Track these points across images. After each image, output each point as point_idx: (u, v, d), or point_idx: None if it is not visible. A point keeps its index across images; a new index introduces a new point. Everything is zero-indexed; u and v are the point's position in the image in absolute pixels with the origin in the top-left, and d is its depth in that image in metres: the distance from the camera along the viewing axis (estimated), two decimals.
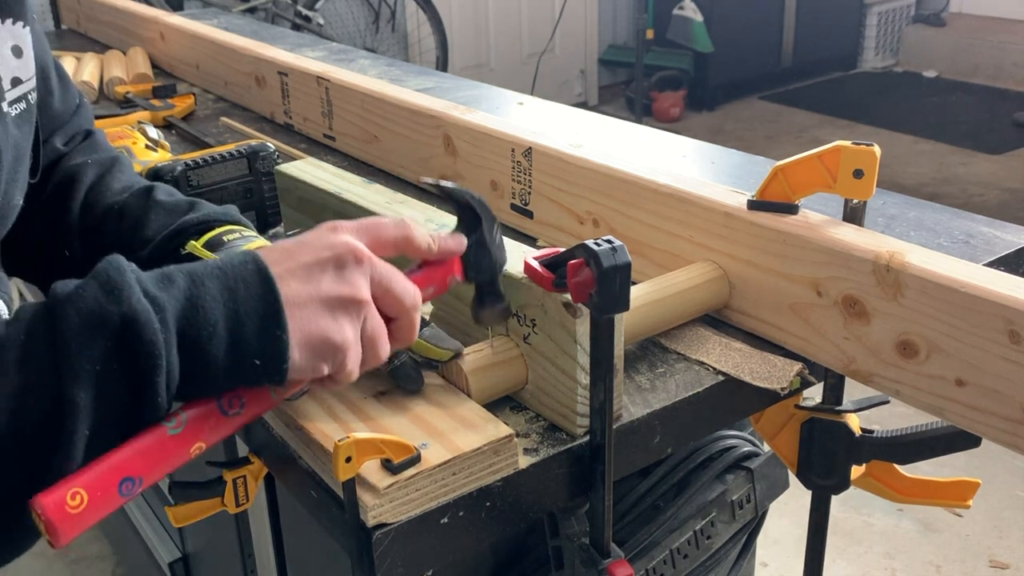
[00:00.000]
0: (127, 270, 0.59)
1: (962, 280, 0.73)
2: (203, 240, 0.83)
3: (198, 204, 0.88)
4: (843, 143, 0.81)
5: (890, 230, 0.99)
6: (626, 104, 5.46)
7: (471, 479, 0.69)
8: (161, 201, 0.88)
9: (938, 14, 5.92)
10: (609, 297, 0.68)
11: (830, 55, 5.83)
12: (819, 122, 5.07)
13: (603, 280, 0.67)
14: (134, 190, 0.91)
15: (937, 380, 0.76)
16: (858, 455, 0.89)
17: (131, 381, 0.57)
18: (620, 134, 1.38)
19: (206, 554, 1.44)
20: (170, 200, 0.89)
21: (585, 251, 0.67)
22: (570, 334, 0.72)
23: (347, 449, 0.63)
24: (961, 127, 4.87)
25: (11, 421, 0.55)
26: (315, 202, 1.05)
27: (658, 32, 5.20)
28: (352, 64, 1.82)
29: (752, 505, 1.02)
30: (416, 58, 4.83)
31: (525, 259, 0.74)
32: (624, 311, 0.68)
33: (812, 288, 0.83)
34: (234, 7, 4.04)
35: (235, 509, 0.88)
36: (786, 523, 2.10)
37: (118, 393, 0.57)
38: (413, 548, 0.67)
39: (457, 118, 1.19)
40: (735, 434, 1.03)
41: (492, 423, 0.72)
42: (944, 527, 2.27)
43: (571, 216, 1.06)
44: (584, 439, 0.75)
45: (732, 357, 0.86)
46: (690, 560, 0.97)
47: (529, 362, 0.77)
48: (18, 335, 0.56)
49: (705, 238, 0.92)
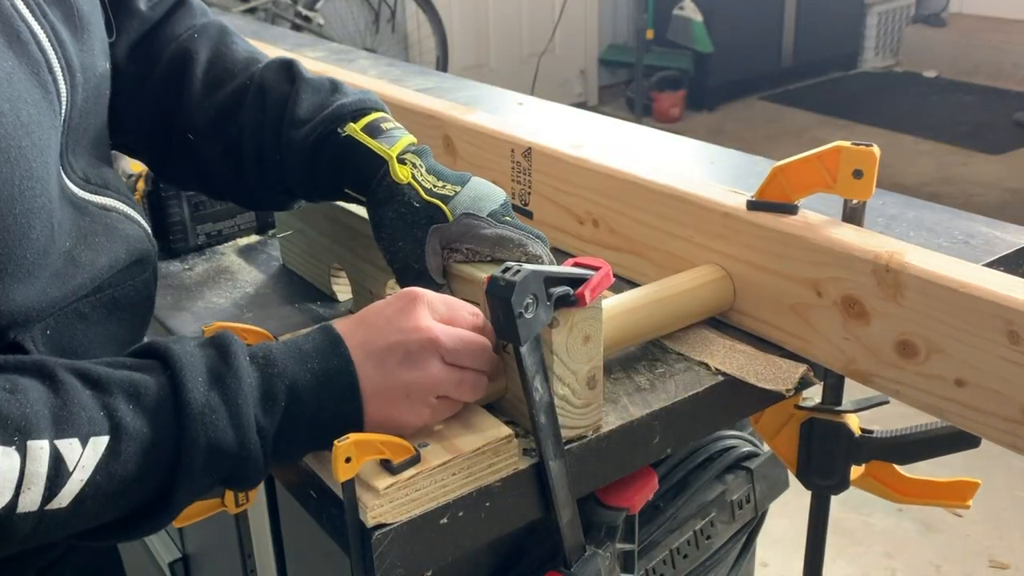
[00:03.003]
0: (246, 389, 0.63)
1: (962, 280, 0.73)
2: (361, 124, 0.83)
3: (340, 84, 0.88)
4: (843, 143, 0.81)
5: (890, 230, 0.99)
6: (626, 104, 5.46)
7: (471, 479, 0.69)
8: (308, 79, 0.87)
9: (938, 14, 5.92)
10: (497, 326, 0.68)
11: (830, 55, 5.82)
12: (819, 122, 5.07)
13: (491, 306, 0.67)
14: (267, 63, 0.89)
15: (937, 380, 0.76)
16: (858, 455, 0.89)
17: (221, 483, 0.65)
18: (620, 134, 1.38)
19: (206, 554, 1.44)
20: (315, 78, 0.88)
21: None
22: (546, 344, 0.71)
23: (347, 449, 0.63)
24: (961, 127, 4.86)
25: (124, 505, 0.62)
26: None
27: (658, 32, 5.20)
28: (352, 64, 1.82)
29: (752, 505, 1.02)
30: (416, 58, 4.83)
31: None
32: (518, 345, 0.67)
33: (812, 288, 0.83)
34: (234, 7, 4.04)
35: (235, 509, 0.88)
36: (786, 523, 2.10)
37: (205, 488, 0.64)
38: (413, 548, 0.67)
39: (457, 118, 1.19)
40: (735, 434, 1.03)
41: (492, 423, 0.72)
42: (944, 527, 2.27)
43: (571, 216, 1.06)
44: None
45: (736, 359, 0.86)
46: (690, 560, 0.97)
47: (508, 371, 0.76)
48: (141, 431, 0.60)
49: (705, 238, 0.92)
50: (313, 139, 0.83)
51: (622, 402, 0.80)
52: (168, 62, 0.89)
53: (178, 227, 1.14)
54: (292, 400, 0.65)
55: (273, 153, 0.86)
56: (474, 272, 0.78)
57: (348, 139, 0.82)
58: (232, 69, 0.89)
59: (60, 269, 0.70)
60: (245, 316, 0.99)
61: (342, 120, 0.83)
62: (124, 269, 0.77)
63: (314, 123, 0.84)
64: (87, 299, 0.73)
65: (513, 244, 0.78)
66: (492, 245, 0.78)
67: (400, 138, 0.83)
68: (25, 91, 0.64)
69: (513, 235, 0.78)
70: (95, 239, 0.74)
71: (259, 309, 1.01)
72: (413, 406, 0.68)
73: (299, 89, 0.86)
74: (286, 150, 0.85)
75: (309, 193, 0.89)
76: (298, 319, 0.98)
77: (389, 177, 0.80)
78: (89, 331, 0.74)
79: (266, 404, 0.64)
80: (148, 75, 0.89)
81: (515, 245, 0.78)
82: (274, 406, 0.64)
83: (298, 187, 0.88)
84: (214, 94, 0.88)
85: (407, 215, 0.79)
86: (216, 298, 1.03)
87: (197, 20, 0.92)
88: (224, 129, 0.87)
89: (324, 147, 0.84)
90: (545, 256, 0.79)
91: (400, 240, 0.80)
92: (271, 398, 0.64)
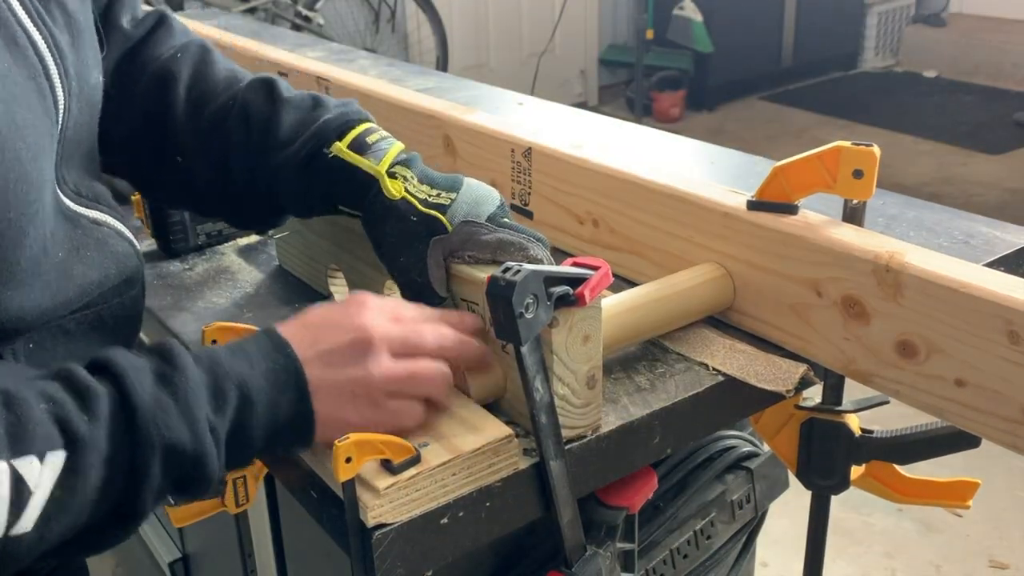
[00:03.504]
0: (195, 387, 0.62)
1: (962, 280, 0.73)
2: (347, 141, 0.81)
3: (321, 99, 0.86)
4: (843, 143, 0.81)
5: (890, 230, 0.99)
6: (626, 104, 5.46)
7: (471, 479, 0.69)
8: (288, 98, 0.86)
9: (938, 14, 5.92)
10: (498, 326, 0.68)
11: (830, 55, 5.82)
12: (819, 122, 5.06)
13: (492, 306, 0.67)
14: (248, 83, 0.88)
15: (937, 380, 0.76)
16: (858, 455, 0.89)
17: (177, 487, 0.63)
18: (620, 134, 1.38)
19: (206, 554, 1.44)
20: (295, 96, 0.86)
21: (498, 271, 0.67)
22: (545, 343, 0.71)
23: (347, 449, 0.63)
24: (961, 127, 4.86)
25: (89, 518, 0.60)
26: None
27: (658, 32, 5.19)
28: (352, 64, 1.82)
29: (752, 505, 1.02)
30: (416, 58, 4.83)
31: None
32: (519, 345, 0.67)
33: (812, 288, 0.83)
34: (234, 7, 4.03)
35: (235, 509, 0.88)
36: (786, 523, 2.09)
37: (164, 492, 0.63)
38: (413, 548, 0.67)
39: (457, 118, 1.19)
40: (735, 434, 1.04)
41: (492, 423, 0.72)
42: (944, 527, 2.27)
43: (571, 216, 1.06)
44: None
45: (737, 359, 0.86)
46: (690, 560, 0.97)
47: (508, 371, 0.76)
48: (97, 440, 0.59)
49: (705, 238, 0.92)
50: (300, 160, 0.82)
51: (622, 402, 0.80)
52: (150, 81, 0.88)
53: (178, 227, 1.14)
54: (243, 398, 0.64)
55: (262, 173, 0.85)
56: (474, 272, 0.78)
57: (335, 160, 0.81)
58: (215, 89, 0.88)
59: (52, 280, 0.69)
60: (245, 316, 0.99)
61: (327, 139, 0.82)
62: (113, 287, 0.76)
63: (299, 143, 0.82)
64: (74, 315, 0.72)
65: (514, 248, 0.78)
66: (493, 250, 0.78)
67: (388, 150, 0.81)
68: (21, 94, 0.63)
69: (514, 239, 0.78)
70: (87, 253, 0.73)
71: (259, 309, 1.00)
72: (361, 405, 0.68)
73: (280, 109, 0.85)
74: (275, 172, 0.84)
75: (304, 212, 0.88)
76: None
77: (382, 195, 0.79)
78: (71, 347, 0.72)
79: (216, 403, 0.63)
80: (131, 94, 0.88)
81: (516, 249, 0.78)
82: (225, 405, 0.63)
83: (291, 207, 0.87)
84: (198, 114, 0.87)
85: (405, 230, 0.78)
86: (216, 298, 1.03)
87: (178, 40, 0.92)
88: (209, 149, 0.87)
89: (312, 168, 0.82)
90: (545, 259, 0.78)
91: (401, 256, 0.79)
92: (221, 396, 0.63)
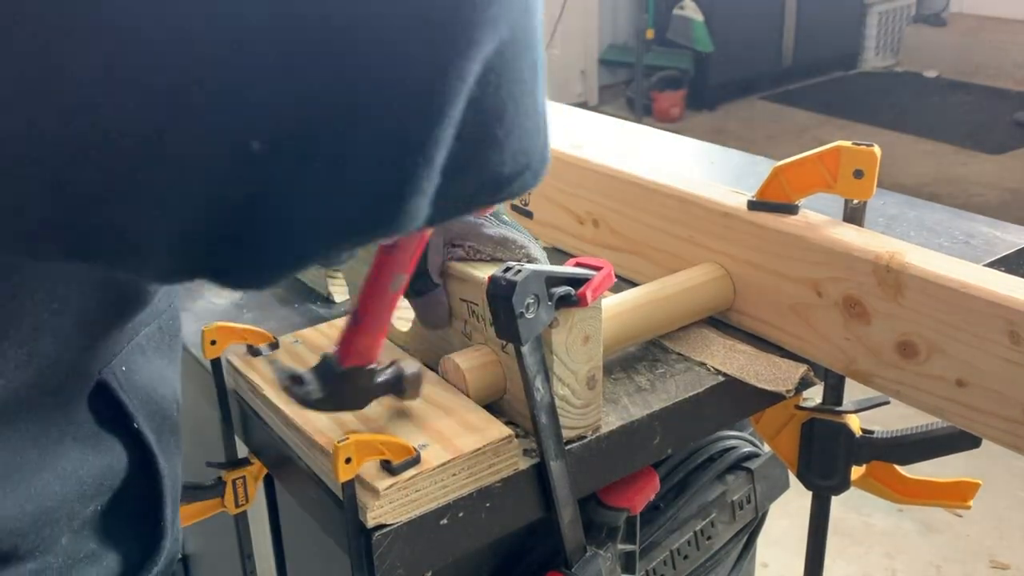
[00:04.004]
0: None
1: (962, 280, 0.72)
2: None
3: None
4: (843, 143, 0.81)
5: (890, 230, 0.99)
6: (626, 104, 5.46)
7: (471, 480, 0.69)
8: None
9: (938, 14, 5.92)
10: (498, 326, 0.67)
11: (830, 55, 5.83)
12: (819, 122, 5.07)
13: (491, 306, 0.66)
14: None
15: (937, 381, 0.76)
16: (858, 456, 0.89)
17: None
18: (620, 134, 1.38)
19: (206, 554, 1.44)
20: None
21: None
22: (545, 344, 0.71)
23: (347, 450, 0.63)
24: (961, 127, 4.86)
25: None
26: None
27: (658, 32, 5.20)
28: None
29: (752, 506, 1.02)
30: None
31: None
32: (519, 345, 0.66)
33: (812, 288, 0.83)
34: None
35: (235, 510, 0.88)
36: (786, 523, 2.10)
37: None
38: (413, 549, 0.67)
39: None
40: (735, 435, 1.03)
41: (492, 424, 0.71)
42: (944, 527, 2.27)
43: (571, 216, 1.06)
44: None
45: (736, 359, 0.86)
46: (690, 561, 0.97)
47: (507, 372, 0.75)
48: None
49: (705, 238, 0.92)
50: None
51: (622, 402, 0.80)
52: None
53: None
54: None
55: None
56: (472, 272, 0.78)
57: None
58: None
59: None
60: (245, 316, 0.99)
61: None
62: (165, 293, 0.67)
63: None
64: (146, 328, 0.64)
65: (516, 245, 0.78)
66: (495, 245, 0.78)
67: None
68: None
69: (516, 236, 0.78)
70: None
71: (259, 309, 1.00)
72: None
73: None
74: None
75: None
76: (297, 319, 0.98)
77: None
78: (147, 367, 0.64)
79: None
80: None
81: (517, 247, 0.78)
82: None
83: None
84: None
85: None
86: (216, 298, 1.03)
87: None
88: None
89: None
90: (544, 261, 0.79)
91: None
92: None
